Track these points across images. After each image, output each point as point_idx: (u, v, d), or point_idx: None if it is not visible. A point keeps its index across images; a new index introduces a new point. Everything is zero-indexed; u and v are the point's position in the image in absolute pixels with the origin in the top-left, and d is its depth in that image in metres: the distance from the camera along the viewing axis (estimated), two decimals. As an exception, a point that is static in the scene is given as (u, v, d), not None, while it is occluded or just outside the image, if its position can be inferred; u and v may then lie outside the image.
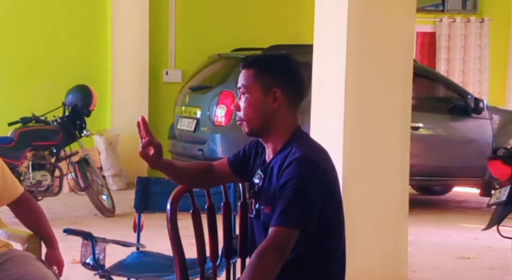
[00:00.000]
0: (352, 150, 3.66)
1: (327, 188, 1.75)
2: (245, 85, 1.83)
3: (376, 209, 3.67)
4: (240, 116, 1.85)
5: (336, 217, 1.81)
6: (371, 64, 3.67)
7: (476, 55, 8.05)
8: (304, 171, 1.71)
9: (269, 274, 1.64)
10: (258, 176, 1.87)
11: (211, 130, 5.84)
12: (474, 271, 4.16)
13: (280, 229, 1.67)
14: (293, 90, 1.82)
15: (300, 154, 1.73)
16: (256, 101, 1.81)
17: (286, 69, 1.83)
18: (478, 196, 6.34)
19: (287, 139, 1.81)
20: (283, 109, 1.81)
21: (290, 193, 1.68)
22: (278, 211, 1.68)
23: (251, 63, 1.85)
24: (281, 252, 1.65)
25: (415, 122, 5.56)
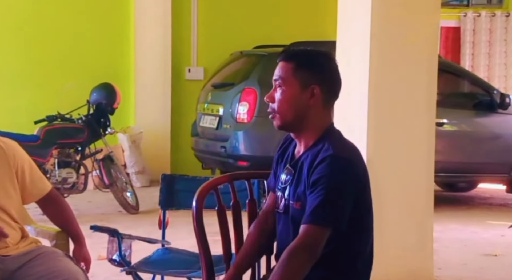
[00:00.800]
0: (376, 147, 3.63)
1: (359, 187, 1.74)
2: (283, 77, 1.81)
3: (401, 206, 3.64)
4: (274, 108, 1.83)
5: (366, 217, 1.80)
6: (395, 60, 3.64)
7: (501, 49, 7.94)
8: (336, 169, 1.69)
9: (300, 272, 1.64)
10: (287, 171, 1.85)
11: (234, 127, 5.85)
12: (501, 268, 4.11)
13: (312, 227, 1.66)
14: (330, 88, 1.81)
15: (333, 152, 1.72)
16: (293, 96, 1.80)
17: (326, 66, 1.82)
18: (504, 193, 6.26)
19: (320, 136, 1.80)
20: (318, 107, 1.80)
21: (323, 191, 1.67)
22: (310, 209, 1.67)
23: (291, 56, 1.83)
24: (312, 251, 1.64)
25: (440, 118, 5.51)
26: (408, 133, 3.68)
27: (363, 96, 3.66)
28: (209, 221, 2.09)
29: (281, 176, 1.88)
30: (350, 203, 1.70)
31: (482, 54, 7.96)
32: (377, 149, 3.63)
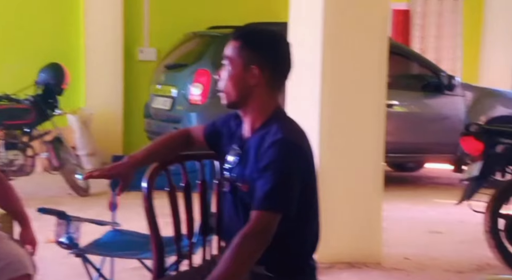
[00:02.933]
0: (328, 128, 3.68)
1: (307, 171, 1.76)
2: (229, 56, 1.81)
3: (351, 186, 3.71)
4: (220, 86, 1.84)
5: (313, 199, 1.82)
6: (346, 42, 3.68)
7: (449, 32, 8.11)
8: (286, 153, 1.70)
9: (252, 257, 1.65)
10: (234, 152, 1.86)
11: (187, 109, 5.81)
12: (445, 245, 4.25)
13: (263, 213, 1.67)
14: (274, 70, 1.79)
15: (282, 136, 1.72)
16: (236, 75, 1.79)
17: (271, 47, 1.80)
18: (451, 172, 6.45)
19: (267, 118, 1.80)
20: (261, 88, 1.79)
21: (273, 176, 1.68)
22: (261, 195, 1.68)
23: (239, 35, 1.82)
24: (264, 236, 1.66)
25: (390, 100, 5.60)
26: (358, 115, 3.73)
27: (316, 78, 3.69)
28: (161, 203, 2.08)
29: (228, 156, 1.88)
30: (298, 187, 1.72)
31: (431, 37, 8.12)
32: (328, 130, 3.68)
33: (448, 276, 3.54)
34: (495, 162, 3.72)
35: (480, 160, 3.72)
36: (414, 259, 3.85)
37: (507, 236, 3.60)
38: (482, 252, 3.83)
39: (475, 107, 6.28)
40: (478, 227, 3.71)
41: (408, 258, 3.87)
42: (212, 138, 1.97)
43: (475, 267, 3.72)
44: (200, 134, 2.00)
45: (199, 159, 2.10)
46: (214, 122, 2.00)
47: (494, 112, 6.32)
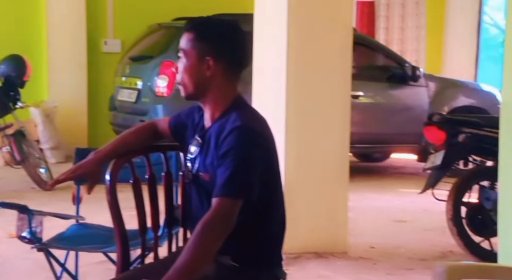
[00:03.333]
0: (294, 120, 3.69)
1: (267, 157, 1.76)
2: (183, 49, 1.81)
3: (317, 177, 3.73)
4: (178, 79, 1.84)
5: (275, 186, 1.82)
6: (311, 33, 3.69)
7: (413, 24, 8.21)
8: (245, 140, 1.70)
9: (215, 244, 1.65)
10: (195, 142, 1.86)
11: (153, 101, 5.77)
12: (410, 233, 4.33)
13: (224, 200, 1.67)
14: (228, 60, 1.79)
15: (241, 123, 1.72)
16: (191, 67, 1.80)
17: (225, 37, 1.80)
18: (416, 162, 6.55)
19: (227, 107, 1.80)
20: (218, 78, 1.79)
21: (232, 163, 1.68)
22: (221, 182, 1.68)
23: (192, 27, 1.82)
24: (226, 223, 1.66)
25: (355, 91, 5.65)
26: (324, 106, 3.75)
27: (281, 70, 3.69)
28: (126, 196, 2.06)
29: (191, 147, 1.88)
30: (259, 173, 1.72)
31: (396, 28, 8.21)
32: (294, 122, 3.69)
33: (411, 263, 3.60)
34: (457, 151, 3.79)
35: (443, 149, 3.78)
36: (380, 248, 3.91)
37: (469, 223, 3.67)
38: (445, 239, 3.91)
39: (438, 98, 6.39)
40: (441, 215, 3.78)
41: (373, 247, 3.93)
42: (177, 130, 1.96)
43: (438, 254, 3.80)
44: (166, 126, 2.00)
45: (163, 151, 2.09)
46: (179, 114, 2.00)
47: (457, 102, 6.45)
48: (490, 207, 3.58)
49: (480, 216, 3.65)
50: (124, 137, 2.01)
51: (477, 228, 3.65)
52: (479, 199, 3.69)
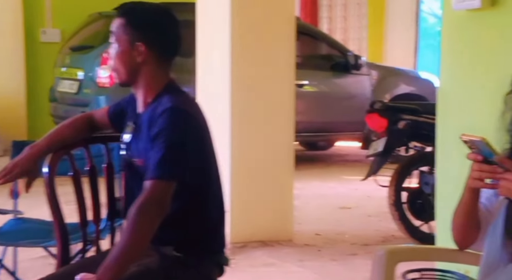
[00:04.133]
0: (239, 109, 3.69)
1: (199, 139, 1.75)
2: (115, 34, 1.79)
3: (263, 166, 3.75)
4: (111, 65, 1.82)
5: (210, 171, 1.81)
6: (255, 23, 3.69)
7: (355, 13, 8.34)
8: (175, 121, 1.69)
9: (150, 227, 1.62)
10: (129, 128, 1.84)
11: (95, 92, 5.65)
12: (354, 219, 4.42)
13: (156, 182, 1.65)
14: (160, 46, 1.78)
15: (171, 104, 1.71)
16: (123, 53, 1.78)
17: (156, 23, 1.78)
18: (359, 149, 6.68)
19: (159, 92, 1.79)
20: (150, 64, 1.78)
21: (163, 144, 1.66)
22: (153, 164, 1.66)
23: (123, 12, 1.79)
24: (160, 205, 1.63)
25: (300, 80, 5.70)
26: (268, 95, 3.77)
27: (225, 60, 3.68)
28: (67, 189, 2.01)
29: (124, 134, 1.86)
30: (191, 155, 1.71)
31: (338, 17, 8.32)
32: (239, 111, 3.69)
33: (355, 248, 3.68)
34: (397, 137, 3.87)
35: (384, 136, 3.86)
36: (324, 235, 3.97)
37: (410, 208, 3.77)
38: (387, 224, 4.01)
39: (380, 86, 6.52)
40: (384, 201, 3.87)
41: (319, 233, 3.99)
42: (116, 119, 1.94)
43: (381, 239, 3.89)
44: (105, 116, 1.97)
45: (104, 142, 2.05)
46: (119, 102, 1.97)
47: (398, 90, 6.61)
48: (429, 192, 3.68)
49: (420, 201, 3.75)
50: (60, 130, 1.97)
51: (417, 212, 3.76)
52: (418, 184, 3.79)
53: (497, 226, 1.45)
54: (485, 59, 2.42)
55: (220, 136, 3.58)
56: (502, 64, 2.25)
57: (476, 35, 2.46)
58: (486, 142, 1.32)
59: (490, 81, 2.31)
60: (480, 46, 2.45)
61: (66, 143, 1.94)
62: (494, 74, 2.26)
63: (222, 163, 1.89)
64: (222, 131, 3.65)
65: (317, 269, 3.32)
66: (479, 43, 2.45)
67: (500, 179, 1.32)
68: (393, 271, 1.57)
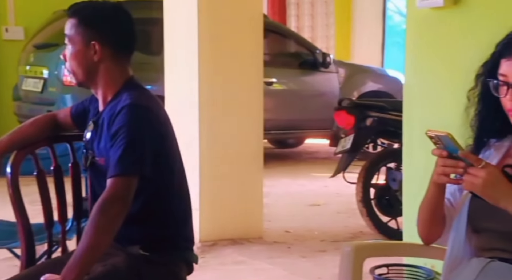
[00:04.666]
0: (207, 107, 3.67)
1: (159, 134, 1.74)
2: (68, 35, 1.78)
3: (232, 164, 3.74)
4: (67, 67, 1.81)
5: (173, 165, 1.80)
6: (222, 21, 3.67)
7: (323, 11, 8.39)
8: (134, 117, 1.68)
9: (112, 226, 1.61)
10: (90, 127, 1.83)
11: (61, 91, 5.56)
12: (323, 216, 4.44)
13: (118, 179, 1.63)
14: (115, 43, 1.77)
15: (131, 101, 1.70)
16: (78, 53, 1.76)
17: (108, 20, 1.77)
18: (328, 147, 6.72)
19: (118, 89, 1.78)
20: (107, 62, 1.77)
21: (123, 140, 1.65)
22: (114, 161, 1.65)
23: (74, 12, 1.78)
24: (122, 202, 1.62)
25: (269, 77, 5.70)
26: (237, 93, 3.76)
27: (193, 58, 3.66)
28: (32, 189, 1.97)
29: (86, 132, 1.85)
30: (152, 148, 1.70)
31: (306, 15, 8.36)
32: (207, 110, 3.67)
33: (324, 245, 3.70)
34: (365, 134, 3.91)
35: (352, 133, 3.89)
36: (294, 232, 3.98)
37: (377, 204, 3.81)
38: (356, 221, 4.04)
39: (348, 83, 6.57)
40: (352, 198, 3.90)
41: (288, 231, 4.00)
42: (79, 119, 1.93)
43: (350, 235, 3.92)
44: (68, 116, 1.96)
45: (69, 141, 2.03)
46: (83, 101, 1.96)
47: (365, 88, 6.67)
48: (396, 188, 3.73)
49: (387, 197, 3.80)
50: (22, 128, 1.95)
51: (384, 209, 3.80)
52: (386, 180, 3.84)
53: (461, 221, 1.47)
54: (449, 57, 2.46)
55: (188, 135, 3.57)
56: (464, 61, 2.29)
57: (440, 33, 2.50)
58: (451, 138, 1.34)
59: (454, 78, 2.34)
60: (444, 44, 2.49)
61: (28, 141, 1.92)
62: (457, 71, 2.30)
63: (191, 162, 1.89)
64: (190, 130, 3.63)
65: (287, 266, 3.33)
66: (443, 41, 2.49)
67: (464, 174, 1.34)
68: (360, 267, 1.59)
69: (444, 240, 1.52)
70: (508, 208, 1.31)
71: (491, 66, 1.44)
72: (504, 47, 1.41)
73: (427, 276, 1.55)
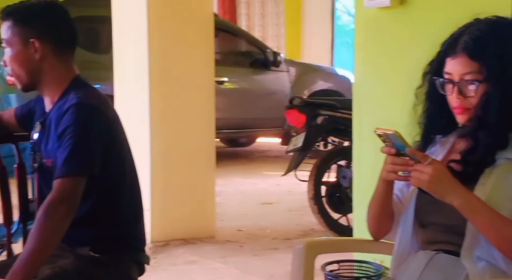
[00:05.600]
0: (158, 107, 3.64)
1: (108, 134, 1.72)
2: (5, 39, 1.74)
3: (184, 164, 3.72)
4: (9, 72, 1.77)
5: (123, 164, 1.77)
6: (172, 20, 3.64)
7: (273, 10, 8.44)
8: (81, 116, 1.66)
9: (58, 228, 1.58)
10: (37, 128, 1.80)
11: (4, 90, 5.40)
12: (276, 214, 4.47)
13: (65, 180, 1.60)
14: (55, 38, 1.74)
15: (78, 100, 1.68)
16: (18, 55, 1.72)
17: (43, 17, 1.74)
18: (279, 145, 6.76)
19: (65, 88, 1.75)
20: (49, 59, 1.73)
21: (70, 140, 1.63)
22: (61, 161, 1.62)
23: (7, 14, 1.74)
24: (69, 203, 1.59)
25: (220, 77, 5.69)
26: (188, 92, 3.74)
27: (143, 57, 3.62)
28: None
29: (33, 133, 1.81)
30: (100, 148, 1.67)
31: (257, 15, 8.39)
32: (159, 110, 3.64)
33: (276, 243, 3.72)
34: (316, 133, 3.95)
35: (303, 132, 3.92)
36: (246, 230, 3.99)
37: (328, 201, 3.86)
38: (307, 218, 4.08)
39: (299, 82, 6.63)
40: (304, 196, 3.94)
41: (241, 230, 4.01)
42: (24, 120, 1.88)
43: (301, 233, 3.96)
44: (12, 117, 1.92)
45: (15, 142, 1.97)
46: (29, 102, 1.91)
47: (316, 87, 6.74)
48: (346, 185, 3.78)
49: (338, 194, 3.85)
50: None
51: (335, 206, 3.85)
52: (336, 178, 3.89)
53: (408, 216, 1.51)
54: (396, 56, 2.51)
55: (139, 134, 3.52)
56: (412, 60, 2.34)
57: (387, 32, 2.55)
58: (399, 135, 1.36)
59: (402, 76, 2.39)
60: (391, 43, 2.54)
61: None
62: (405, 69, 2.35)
63: (142, 161, 1.86)
64: (141, 129, 3.59)
65: (239, 264, 3.33)
66: (390, 40, 2.54)
67: (411, 171, 1.37)
68: (312, 263, 1.60)
69: (393, 235, 1.55)
70: (453, 202, 1.35)
71: (437, 65, 1.47)
72: (448, 46, 1.45)
73: (376, 271, 1.58)
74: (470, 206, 1.35)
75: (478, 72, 1.39)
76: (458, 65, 1.41)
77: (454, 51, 1.42)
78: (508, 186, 1.38)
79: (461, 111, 1.43)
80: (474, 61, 1.39)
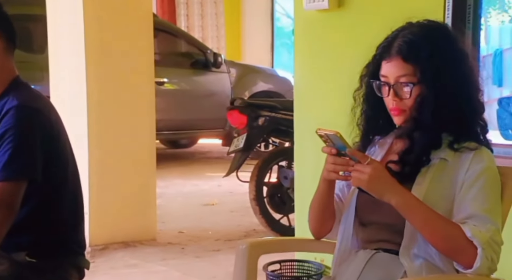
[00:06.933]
0: (97, 110, 3.57)
1: (49, 136, 1.69)
2: None
3: (124, 166, 3.66)
4: None
5: (65, 167, 1.74)
6: (110, 20, 3.58)
7: (212, 11, 8.42)
8: (22, 118, 1.62)
9: None
10: None
11: None
12: (217, 215, 4.47)
13: (4, 184, 1.57)
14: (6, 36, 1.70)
15: (18, 102, 1.64)
16: None
17: None
18: (221, 146, 6.76)
19: (5, 89, 1.70)
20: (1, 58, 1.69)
21: (11, 144, 1.59)
22: (1, 165, 1.58)
23: None
24: (8, 208, 1.56)
25: (160, 77, 5.63)
26: (128, 93, 3.68)
27: (80, 59, 3.54)
28: None
29: None
30: (41, 151, 1.64)
31: (196, 15, 8.35)
32: (98, 112, 3.57)
33: (218, 244, 3.72)
34: (257, 134, 3.97)
35: (245, 132, 3.94)
36: (188, 232, 3.97)
37: (270, 202, 3.89)
38: (249, 219, 4.10)
39: (240, 83, 6.65)
40: (246, 197, 3.95)
41: (182, 231, 3.98)
42: None
43: (243, 233, 3.97)
44: None
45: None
46: None
47: (256, 88, 6.78)
48: (288, 185, 3.82)
49: (279, 194, 3.88)
50: None
51: (277, 206, 3.88)
52: (278, 178, 3.92)
53: (349, 215, 1.54)
54: (335, 58, 2.56)
55: (77, 136, 3.43)
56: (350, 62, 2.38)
57: (326, 34, 2.59)
58: (340, 136, 1.39)
59: (340, 78, 2.44)
60: (330, 45, 2.58)
61: None
62: (343, 72, 2.39)
63: (79, 163, 1.82)
64: (79, 131, 3.50)
65: (181, 267, 3.31)
66: (329, 42, 2.58)
67: (352, 171, 1.39)
68: (255, 264, 1.61)
69: (334, 235, 1.58)
70: (390, 201, 1.39)
71: (373, 68, 1.51)
72: (383, 49, 1.48)
73: (317, 270, 1.60)
74: (407, 204, 1.38)
75: (412, 74, 1.43)
76: (393, 68, 1.45)
77: (389, 54, 1.46)
78: (443, 186, 1.43)
79: (398, 112, 1.47)
80: (408, 63, 1.43)
